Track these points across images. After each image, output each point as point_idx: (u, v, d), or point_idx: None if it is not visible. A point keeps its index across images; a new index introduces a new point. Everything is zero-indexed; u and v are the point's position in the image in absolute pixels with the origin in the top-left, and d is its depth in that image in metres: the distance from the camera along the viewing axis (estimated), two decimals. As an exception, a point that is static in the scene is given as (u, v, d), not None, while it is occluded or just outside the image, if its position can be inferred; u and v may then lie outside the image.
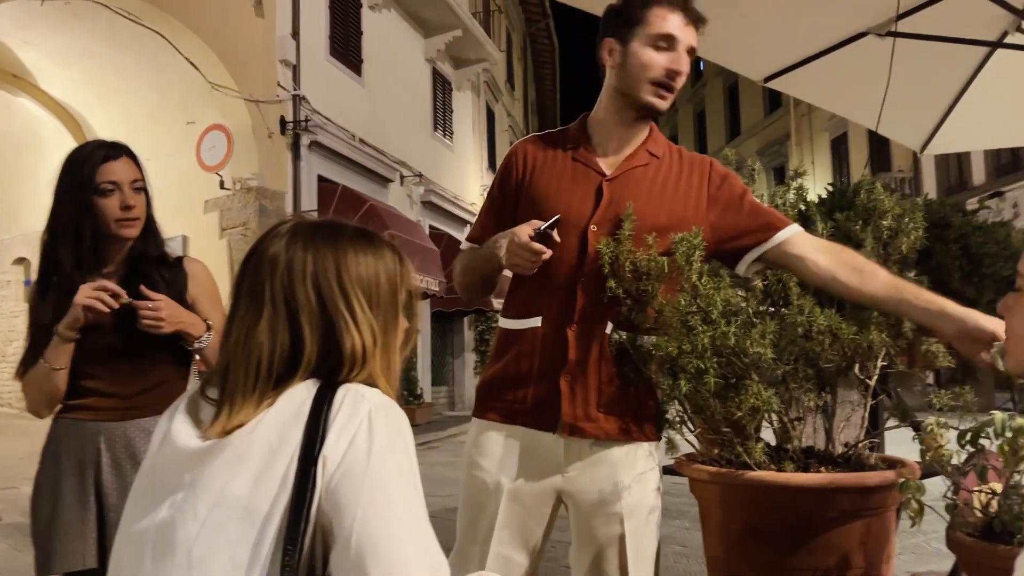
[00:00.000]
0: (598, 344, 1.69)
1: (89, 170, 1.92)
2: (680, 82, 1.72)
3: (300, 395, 0.98)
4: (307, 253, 1.03)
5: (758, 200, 1.83)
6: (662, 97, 1.71)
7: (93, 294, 1.83)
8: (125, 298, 1.86)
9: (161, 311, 1.88)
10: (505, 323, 1.82)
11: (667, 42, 1.69)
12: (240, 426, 0.96)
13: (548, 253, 1.63)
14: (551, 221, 1.62)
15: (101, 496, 1.90)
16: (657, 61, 1.69)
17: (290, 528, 0.90)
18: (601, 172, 1.76)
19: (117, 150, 1.98)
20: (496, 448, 1.75)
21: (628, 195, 1.72)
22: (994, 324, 1.52)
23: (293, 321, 1.01)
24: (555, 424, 1.70)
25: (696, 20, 1.72)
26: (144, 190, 2.02)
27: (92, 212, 1.92)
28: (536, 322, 1.73)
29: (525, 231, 1.63)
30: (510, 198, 1.84)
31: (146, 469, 1.06)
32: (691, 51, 1.72)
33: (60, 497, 1.91)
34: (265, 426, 0.96)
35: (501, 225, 1.78)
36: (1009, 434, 1.39)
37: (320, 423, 0.94)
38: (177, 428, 1.02)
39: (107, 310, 1.84)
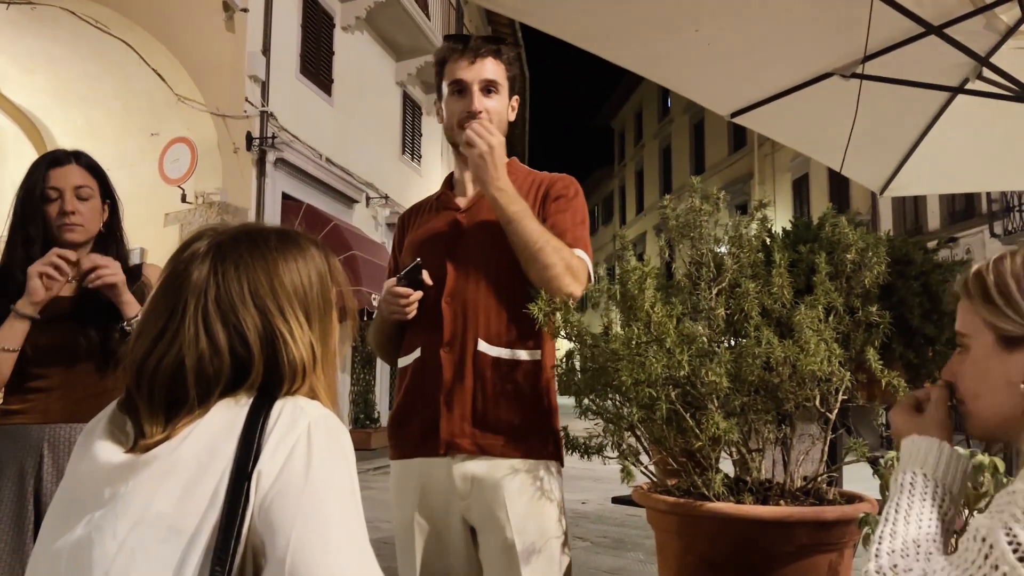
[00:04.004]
0: (470, 362, 1.76)
1: (36, 177, 2.00)
2: (485, 116, 1.81)
3: (234, 407, 0.92)
4: (239, 273, 0.98)
5: (568, 216, 1.84)
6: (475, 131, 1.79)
7: (47, 261, 1.88)
8: (74, 259, 1.91)
9: (109, 265, 1.93)
10: (399, 363, 1.89)
11: (459, 86, 1.85)
12: (166, 440, 0.90)
13: (416, 295, 1.75)
14: (410, 266, 1.75)
15: (40, 506, 1.86)
16: (455, 107, 1.86)
17: (219, 548, 0.84)
18: (457, 208, 1.91)
19: (68, 157, 2.04)
20: (404, 487, 1.82)
21: (480, 221, 1.84)
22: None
23: (234, 339, 0.95)
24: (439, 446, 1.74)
25: (484, 53, 1.82)
26: (106, 197, 2.08)
27: (40, 218, 1.99)
28: (417, 354, 1.83)
29: (391, 281, 1.78)
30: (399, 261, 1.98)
31: (65, 485, 0.99)
32: (491, 83, 1.84)
33: None
34: (194, 439, 0.90)
35: None
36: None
37: (255, 436, 0.88)
38: (98, 442, 0.96)
39: (61, 277, 1.89)
